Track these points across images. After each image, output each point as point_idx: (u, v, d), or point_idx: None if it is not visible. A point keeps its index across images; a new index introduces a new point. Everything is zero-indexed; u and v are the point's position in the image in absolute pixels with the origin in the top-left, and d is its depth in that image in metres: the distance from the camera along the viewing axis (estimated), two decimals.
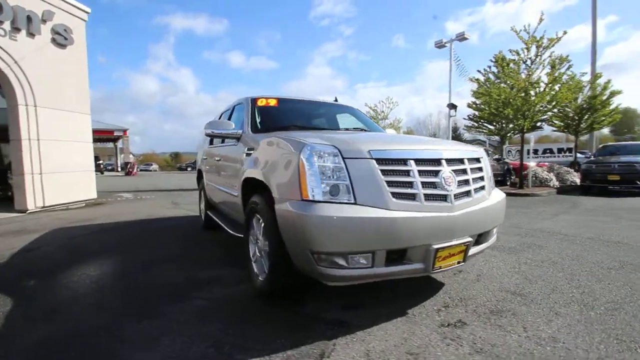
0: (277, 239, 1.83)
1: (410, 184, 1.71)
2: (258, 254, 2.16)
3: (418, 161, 1.76)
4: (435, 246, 1.71)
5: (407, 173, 1.72)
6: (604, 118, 11.52)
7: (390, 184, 1.66)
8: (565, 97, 8.18)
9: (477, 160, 2.09)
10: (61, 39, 6.57)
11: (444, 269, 1.81)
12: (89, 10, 7.25)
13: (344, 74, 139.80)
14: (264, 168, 1.98)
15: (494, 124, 14.45)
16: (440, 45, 17.14)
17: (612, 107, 11.63)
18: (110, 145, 37.37)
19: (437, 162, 1.82)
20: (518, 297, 2.07)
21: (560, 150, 18.04)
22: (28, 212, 6.14)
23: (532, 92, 8.62)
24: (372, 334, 1.65)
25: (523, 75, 8.75)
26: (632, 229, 3.99)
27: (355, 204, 1.61)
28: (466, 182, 1.91)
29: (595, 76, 11.37)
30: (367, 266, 1.63)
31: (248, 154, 2.40)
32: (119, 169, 34.40)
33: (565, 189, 9.34)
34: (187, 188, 11.86)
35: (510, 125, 10.89)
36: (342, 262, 1.61)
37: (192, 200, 8.05)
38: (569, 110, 12.16)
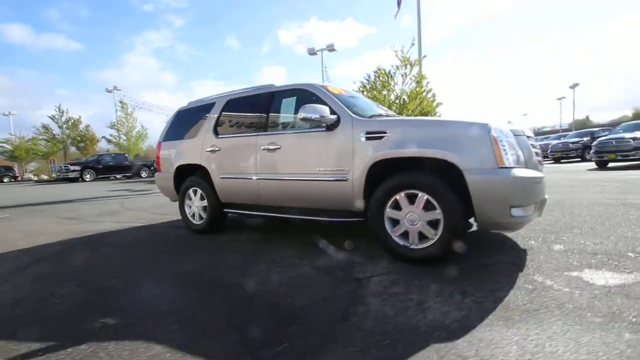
0: (457, 205, 2.18)
1: (537, 153, 2.44)
2: (409, 225, 2.38)
3: (528, 137, 2.50)
4: (546, 197, 2.50)
5: (534, 146, 2.44)
6: None
7: (535, 154, 2.34)
8: (429, 104, 10.98)
9: None
10: None
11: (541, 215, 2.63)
12: None
13: (176, 68, 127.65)
14: (441, 146, 2.23)
15: None
16: (312, 52, 18.93)
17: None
18: None
19: (531, 137, 2.62)
20: (553, 231, 3.14)
21: None
22: None
23: (406, 99, 11.08)
24: (543, 260, 2.28)
25: (399, 86, 11.13)
26: None
27: (526, 168, 2.20)
28: None
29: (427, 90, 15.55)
30: (530, 214, 2.24)
31: (373, 138, 2.53)
32: None
33: None
34: (43, 202, 8.77)
35: None
36: (522, 212, 2.16)
37: (89, 212, 6.25)
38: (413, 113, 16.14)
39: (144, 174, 22.16)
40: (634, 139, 10.06)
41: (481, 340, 1.43)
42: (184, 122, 4.18)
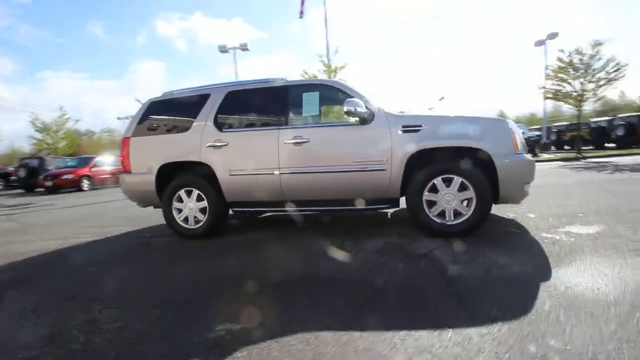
0: (488, 185, 2.70)
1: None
2: (445, 205, 2.79)
3: None
4: None
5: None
6: None
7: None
8: None
9: None
10: None
11: None
12: None
13: (17, 53, 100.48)
14: (475, 138, 2.70)
15: None
16: (224, 50, 18.05)
17: None
18: None
19: None
20: (510, 206, 4.04)
21: None
22: None
23: None
24: (533, 225, 2.99)
25: None
26: None
27: (528, 153, 2.89)
28: None
29: None
30: (528, 189, 2.93)
31: (410, 131, 2.85)
32: None
33: None
34: None
35: None
36: (528, 188, 2.82)
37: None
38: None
39: None
40: None
41: (565, 275, 1.91)
42: (163, 114, 3.68)
